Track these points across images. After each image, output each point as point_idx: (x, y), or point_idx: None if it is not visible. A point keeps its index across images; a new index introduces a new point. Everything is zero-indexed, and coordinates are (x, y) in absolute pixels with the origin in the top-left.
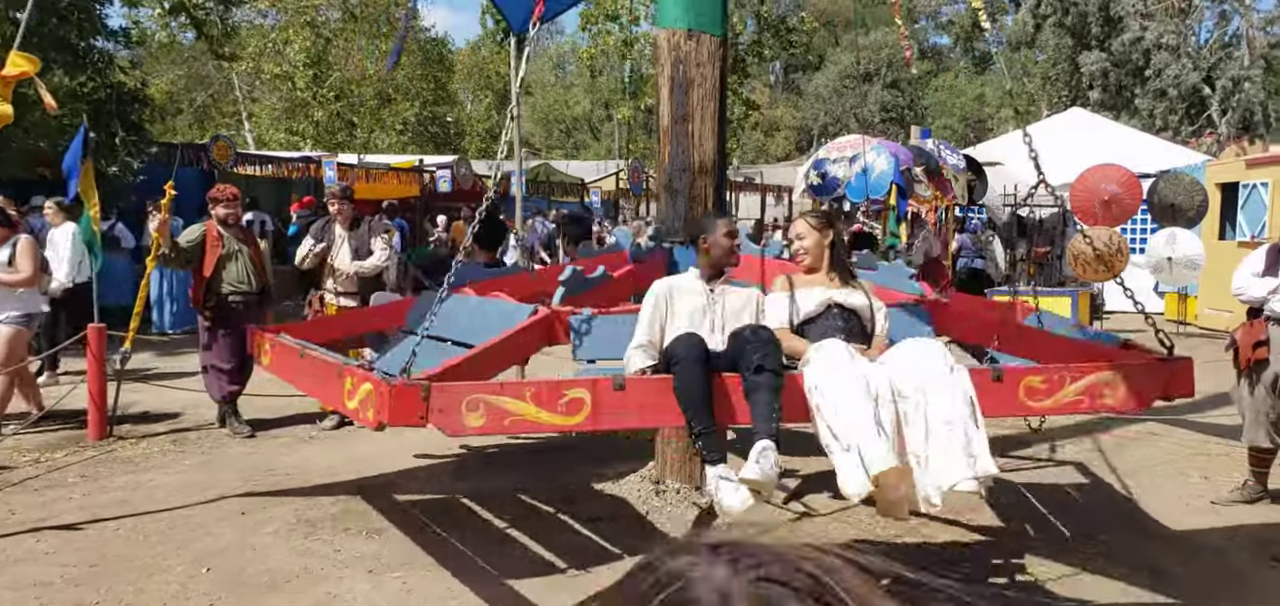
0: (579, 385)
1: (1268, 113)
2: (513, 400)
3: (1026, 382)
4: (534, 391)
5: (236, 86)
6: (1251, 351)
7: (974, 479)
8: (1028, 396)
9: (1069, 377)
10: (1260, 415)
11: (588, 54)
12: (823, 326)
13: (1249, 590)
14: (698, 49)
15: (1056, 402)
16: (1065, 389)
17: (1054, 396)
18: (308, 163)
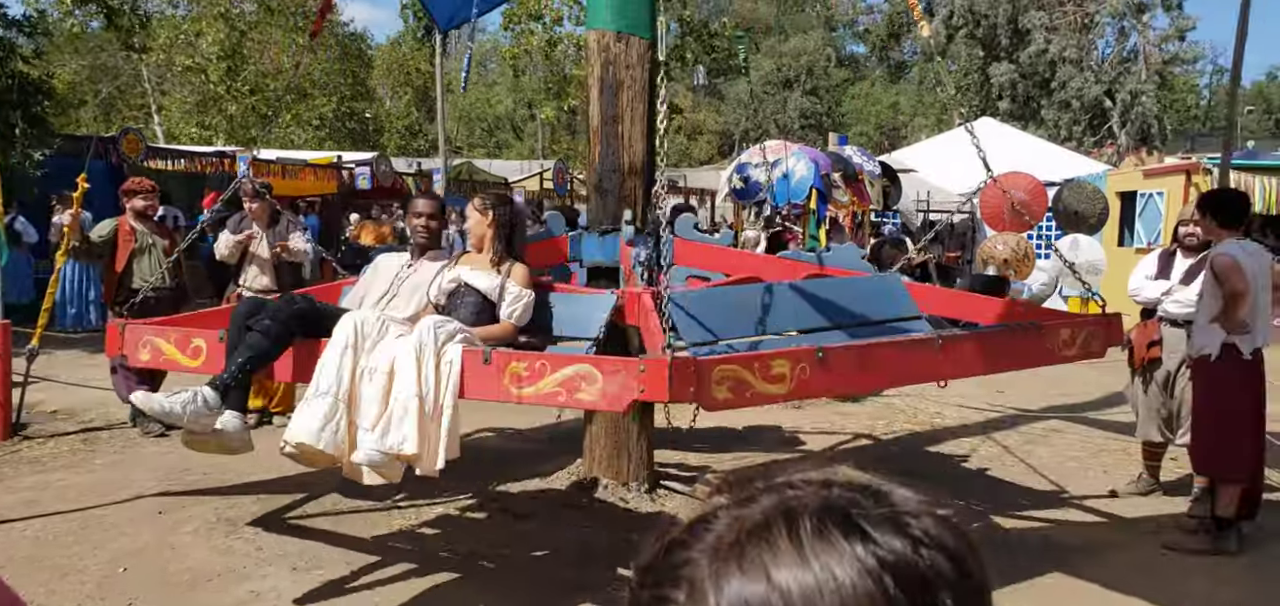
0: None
1: (1163, 125)
2: (747, 372)
3: (512, 368)
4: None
5: (146, 79)
6: (1145, 350)
7: (382, 454)
8: (512, 382)
9: (549, 367)
10: (1152, 411)
11: (511, 53)
12: (453, 302)
13: (1143, 574)
14: (627, 51)
15: (536, 391)
16: (545, 378)
17: (535, 384)
18: (221, 157)
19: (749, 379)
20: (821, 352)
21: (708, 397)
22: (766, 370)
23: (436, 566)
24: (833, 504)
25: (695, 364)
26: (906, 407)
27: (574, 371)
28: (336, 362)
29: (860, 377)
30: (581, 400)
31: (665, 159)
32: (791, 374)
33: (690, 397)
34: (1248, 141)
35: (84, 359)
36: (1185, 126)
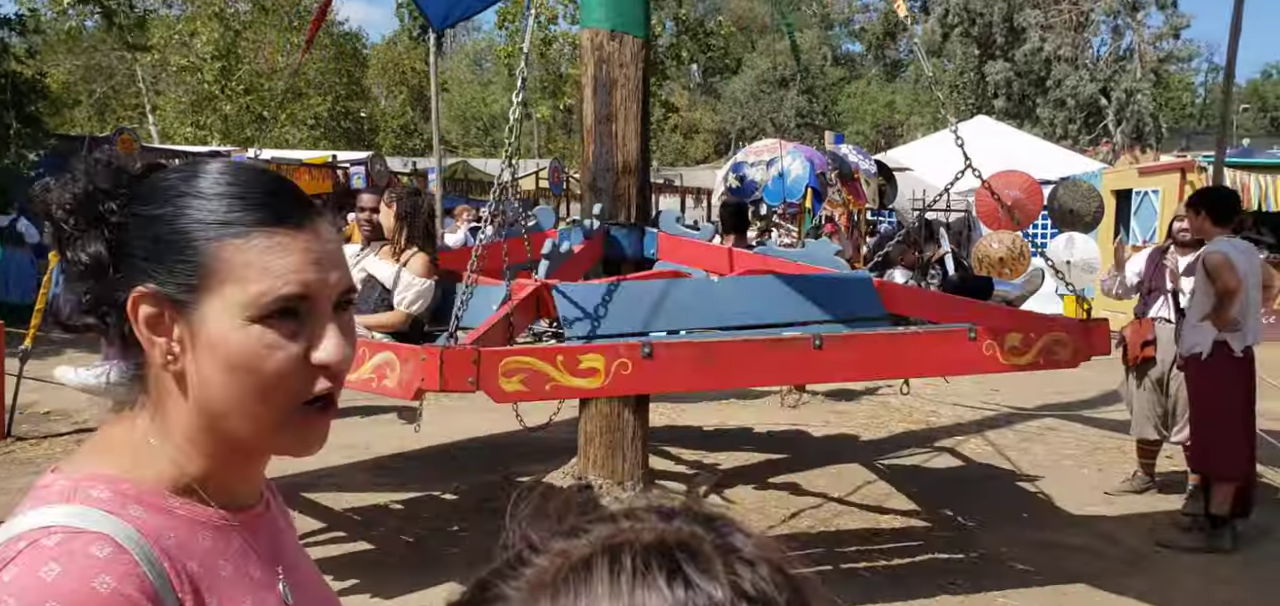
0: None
1: (1158, 123)
2: (547, 364)
3: (985, 344)
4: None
5: (140, 78)
6: (1139, 350)
7: None
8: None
9: (368, 354)
10: (1147, 410)
11: (505, 52)
12: (363, 294)
13: (1138, 572)
14: (620, 50)
15: (358, 378)
16: (364, 365)
17: (357, 370)
18: (216, 158)
19: (548, 371)
20: (648, 349)
21: (494, 389)
22: (573, 364)
23: (430, 566)
24: (665, 542)
25: (477, 353)
26: (902, 406)
27: (382, 359)
28: None
29: (700, 375)
30: (387, 386)
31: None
32: (607, 369)
33: (469, 387)
34: (1243, 139)
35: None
36: (1180, 124)
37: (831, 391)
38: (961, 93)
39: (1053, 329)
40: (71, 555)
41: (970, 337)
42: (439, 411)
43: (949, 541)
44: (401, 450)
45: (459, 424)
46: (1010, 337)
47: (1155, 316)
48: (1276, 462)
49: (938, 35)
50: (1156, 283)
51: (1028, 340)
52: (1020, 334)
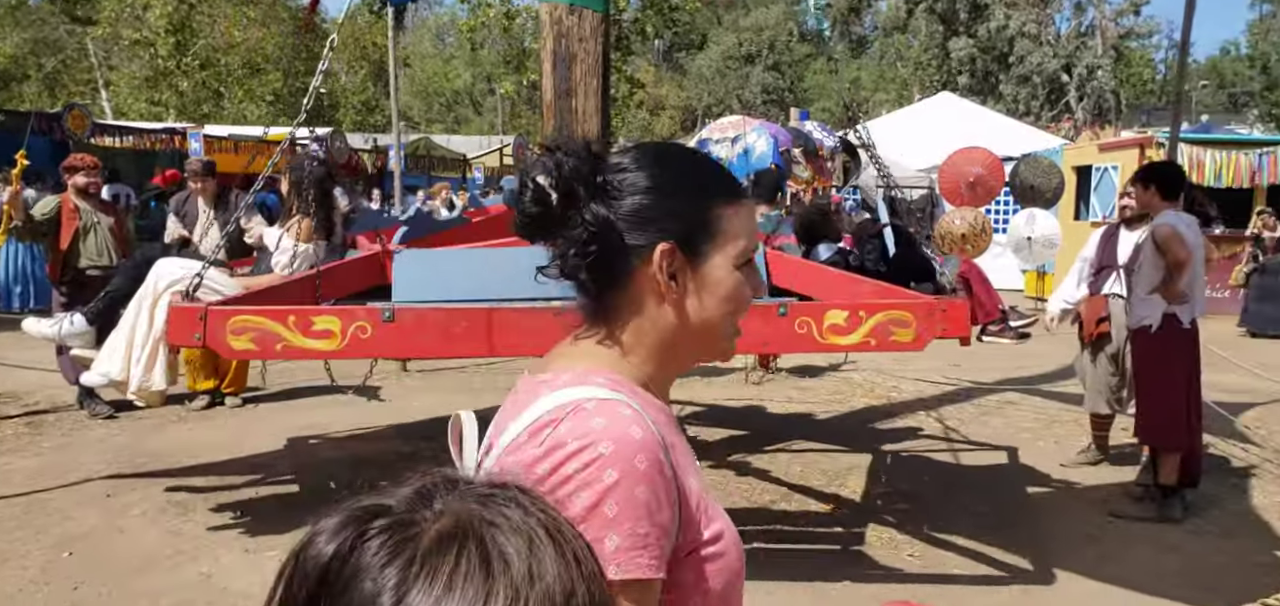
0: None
1: (1119, 99)
2: (278, 324)
3: (798, 321)
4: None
5: (91, 52)
6: (1094, 326)
7: (97, 373)
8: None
9: (861, 318)
10: (1100, 384)
11: (467, 27)
12: (262, 259)
13: (1091, 542)
14: (580, 23)
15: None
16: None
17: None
18: (172, 134)
19: (280, 331)
20: (389, 313)
21: (223, 346)
22: (307, 325)
23: None
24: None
25: (205, 310)
26: (864, 382)
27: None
28: (136, 307)
29: (446, 342)
30: (175, 340)
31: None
32: (343, 332)
33: (197, 343)
34: (1202, 115)
35: (29, 340)
36: (1141, 101)
37: (795, 367)
38: (926, 69)
39: (893, 307)
40: (608, 411)
41: (780, 314)
42: (402, 391)
43: (907, 514)
44: (360, 430)
45: (422, 403)
46: (830, 316)
47: (1109, 292)
48: (1225, 433)
49: (902, 12)
50: (1108, 260)
51: (854, 320)
52: (844, 313)
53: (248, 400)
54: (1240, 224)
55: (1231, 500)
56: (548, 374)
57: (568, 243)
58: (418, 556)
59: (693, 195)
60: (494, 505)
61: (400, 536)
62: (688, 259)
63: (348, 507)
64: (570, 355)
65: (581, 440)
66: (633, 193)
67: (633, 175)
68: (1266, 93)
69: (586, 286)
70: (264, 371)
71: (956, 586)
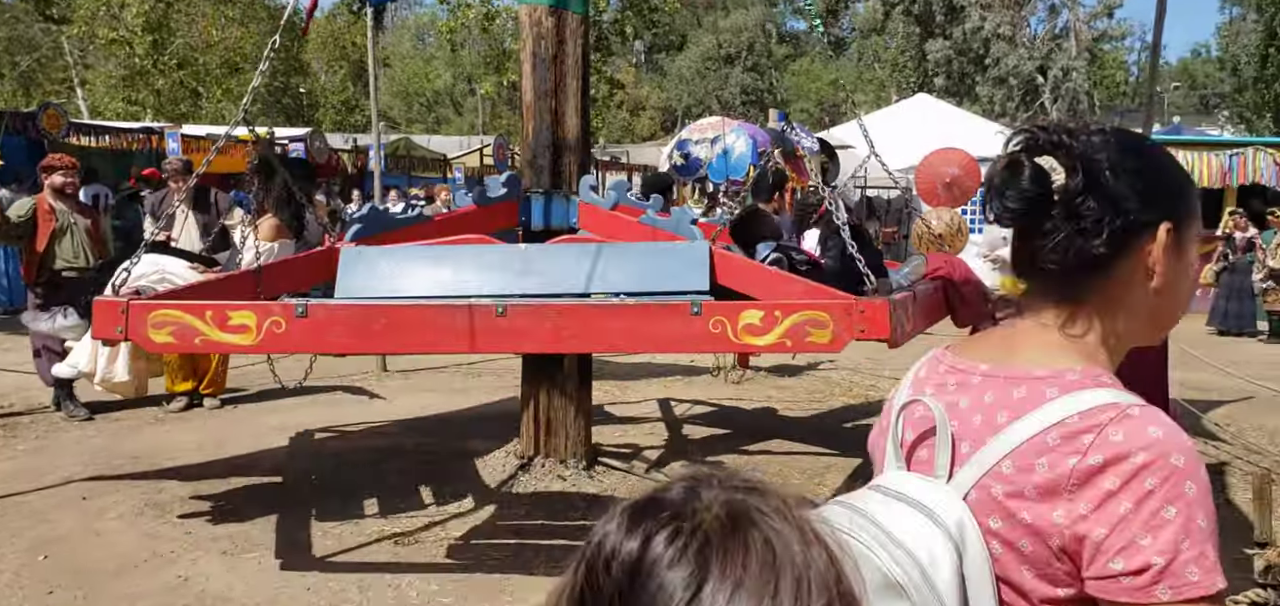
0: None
1: (1093, 100)
2: (196, 319)
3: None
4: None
5: (67, 51)
6: None
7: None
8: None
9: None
10: None
11: (447, 27)
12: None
13: None
14: (560, 25)
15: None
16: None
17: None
18: (149, 134)
19: (198, 325)
20: (302, 309)
21: (144, 339)
22: (223, 319)
23: (371, 549)
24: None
25: (126, 304)
26: (842, 381)
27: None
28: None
29: (361, 339)
30: (99, 333)
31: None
32: (258, 326)
33: (119, 337)
34: (1174, 117)
35: (3, 341)
36: (1115, 102)
37: (774, 367)
38: (902, 71)
39: (807, 308)
40: (1155, 419)
41: (694, 313)
42: (382, 390)
43: None
44: (340, 430)
45: (402, 405)
46: (745, 316)
47: None
48: (1196, 430)
49: (879, 14)
50: None
51: (769, 320)
52: (760, 313)
53: (226, 401)
54: (1211, 224)
55: None
56: (1040, 371)
57: (1069, 223)
58: (706, 546)
59: (1179, 177)
60: (757, 495)
61: (685, 528)
62: (1176, 240)
63: (628, 505)
64: (1046, 347)
65: (1150, 452)
66: (1136, 174)
67: (1130, 158)
68: (1237, 95)
69: (1071, 270)
70: (273, 365)
71: None
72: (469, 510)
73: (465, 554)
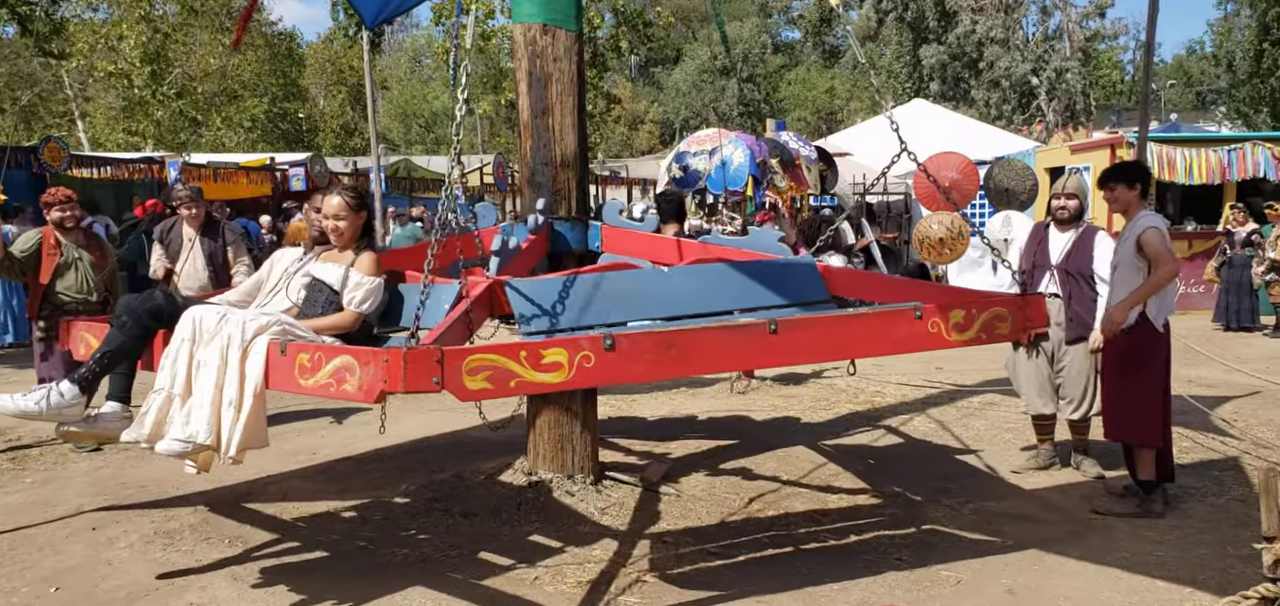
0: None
1: (1088, 101)
2: (511, 361)
3: (299, 360)
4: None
5: (67, 85)
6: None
7: (178, 442)
8: (300, 373)
9: (325, 359)
10: (1038, 385)
11: (443, 48)
12: (310, 298)
13: (1076, 539)
14: (554, 44)
15: (314, 383)
16: (321, 370)
17: (313, 376)
18: (150, 163)
19: (513, 367)
20: (610, 341)
21: (459, 388)
22: (537, 359)
23: (383, 568)
24: None
25: (440, 353)
26: (847, 387)
27: (341, 363)
28: (173, 359)
29: (661, 365)
30: (346, 391)
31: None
32: (571, 362)
33: (434, 387)
34: (1171, 114)
35: (10, 374)
36: (1110, 102)
37: (779, 376)
38: (897, 78)
39: (992, 304)
40: None
41: (917, 316)
42: (387, 414)
43: (895, 518)
44: (346, 454)
45: (407, 426)
46: (954, 314)
47: (1043, 291)
48: (1204, 426)
49: (873, 21)
50: (1041, 259)
51: (970, 316)
52: (963, 311)
53: None
54: (1212, 220)
55: (1212, 492)
56: None
57: None
58: None
59: None
60: None
61: None
62: None
63: None
64: None
65: None
66: None
67: None
68: (1233, 90)
69: None
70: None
71: (945, 588)
72: (479, 529)
73: (477, 571)
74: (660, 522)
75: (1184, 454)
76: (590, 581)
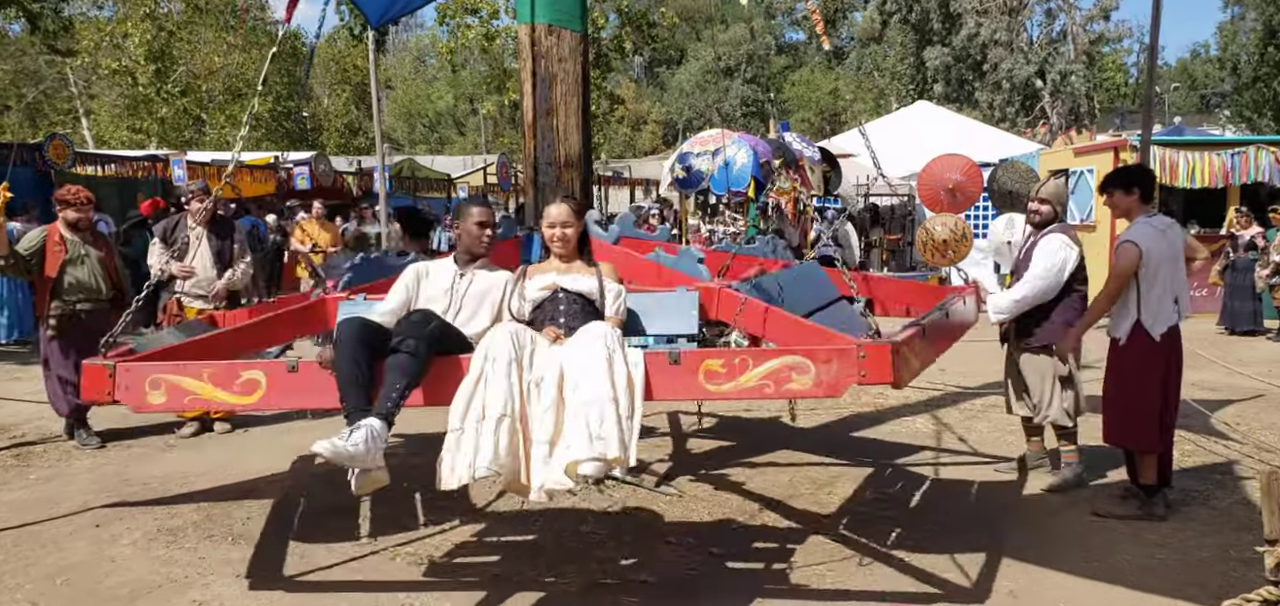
0: (255, 367)
1: (1093, 104)
2: (191, 379)
3: (707, 366)
4: (211, 372)
5: (72, 82)
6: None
7: (593, 461)
8: (708, 379)
9: (751, 362)
10: (1017, 386)
11: (448, 48)
12: (548, 311)
13: (1078, 542)
14: (559, 44)
15: (736, 387)
16: (747, 372)
17: (734, 380)
18: (154, 161)
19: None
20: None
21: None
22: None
23: (384, 569)
24: None
25: (911, 339)
26: (850, 389)
27: (781, 363)
28: (505, 380)
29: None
30: (792, 389)
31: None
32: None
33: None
34: (1174, 117)
35: (15, 371)
36: (1114, 104)
37: None
38: (901, 80)
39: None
40: None
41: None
42: None
43: (896, 519)
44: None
45: (405, 423)
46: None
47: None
48: (1206, 430)
49: (877, 23)
50: (1023, 264)
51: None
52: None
53: (236, 426)
54: (1215, 224)
55: (1215, 495)
56: None
57: None
58: None
59: None
60: None
61: None
62: None
63: None
64: None
65: None
66: None
67: None
68: (1237, 93)
69: None
70: None
71: (948, 591)
72: (479, 528)
73: (477, 572)
74: (661, 523)
75: (1186, 457)
76: (591, 582)
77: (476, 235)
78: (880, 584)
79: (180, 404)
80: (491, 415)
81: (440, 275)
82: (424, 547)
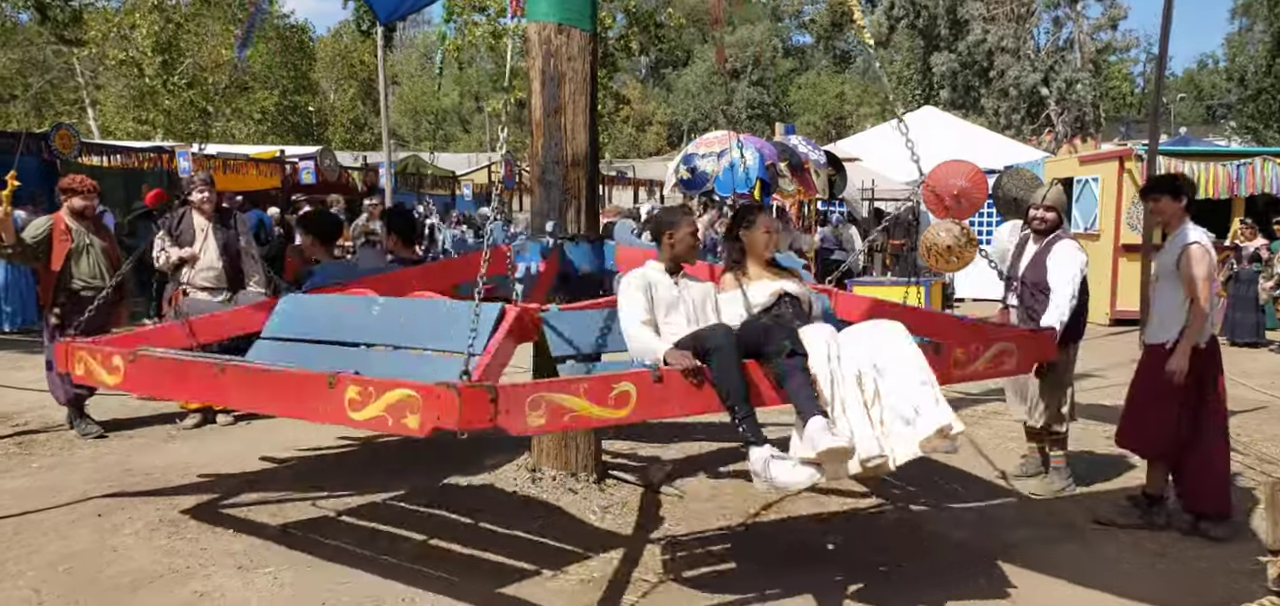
0: (625, 379)
1: (1098, 112)
2: (569, 396)
3: (955, 354)
4: (587, 388)
5: (78, 72)
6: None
7: (956, 423)
8: (955, 366)
9: (981, 348)
10: (1017, 389)
11: (454, 46)
12: (775, 313)
13: (1081, 548)
14: (568, 43)
15: (973, 369)
16: (981, 357)
17: (973, 364)
18: (159, 153)
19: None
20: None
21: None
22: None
23: (385, 564)
24: None
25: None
26: None
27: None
28: (852, 379)
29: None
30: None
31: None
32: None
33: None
34: (1180, 128)
35: (20, 359)
36: (1120, 113)
37: None
38: (908, 85)
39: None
40: None
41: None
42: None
43: (898, 522)
44: (350, 448)
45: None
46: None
47: (1004, 303)
48: None
49: (884, 28)
50: (1012, 270)
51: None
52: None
53: (239, 417)
54: (1220, 235)
55: None
56: None
57: None
58: None
59: None
60: None
61: None
62: None
63: None
64: None
65: None
66: None
67: None
68: (1243, 105)
69: None
70: None
71: (947, 593)
72: (482, 525)
73: (479, 568)
74: (664, 524)
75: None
76: (592, 581)
77: (692, 245)
78: (880, 585)
79: (560, 424)
80: (849, 407)
81: (663, 285)
82: (430, 545)
